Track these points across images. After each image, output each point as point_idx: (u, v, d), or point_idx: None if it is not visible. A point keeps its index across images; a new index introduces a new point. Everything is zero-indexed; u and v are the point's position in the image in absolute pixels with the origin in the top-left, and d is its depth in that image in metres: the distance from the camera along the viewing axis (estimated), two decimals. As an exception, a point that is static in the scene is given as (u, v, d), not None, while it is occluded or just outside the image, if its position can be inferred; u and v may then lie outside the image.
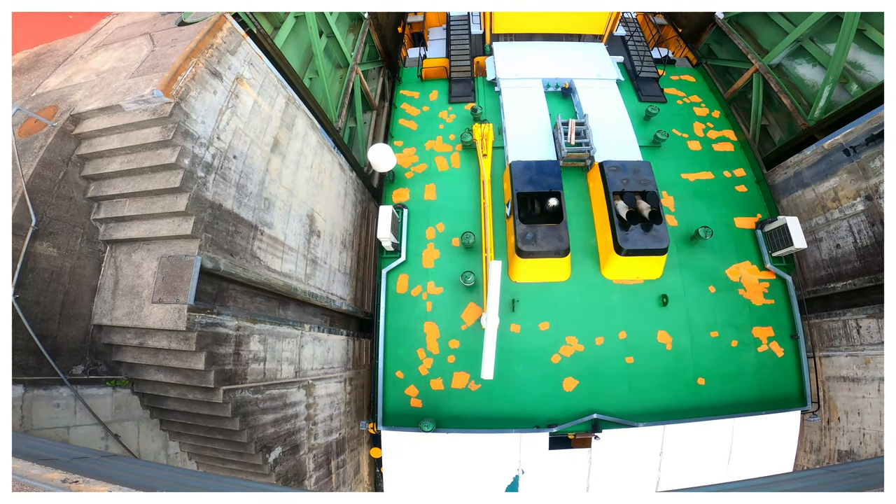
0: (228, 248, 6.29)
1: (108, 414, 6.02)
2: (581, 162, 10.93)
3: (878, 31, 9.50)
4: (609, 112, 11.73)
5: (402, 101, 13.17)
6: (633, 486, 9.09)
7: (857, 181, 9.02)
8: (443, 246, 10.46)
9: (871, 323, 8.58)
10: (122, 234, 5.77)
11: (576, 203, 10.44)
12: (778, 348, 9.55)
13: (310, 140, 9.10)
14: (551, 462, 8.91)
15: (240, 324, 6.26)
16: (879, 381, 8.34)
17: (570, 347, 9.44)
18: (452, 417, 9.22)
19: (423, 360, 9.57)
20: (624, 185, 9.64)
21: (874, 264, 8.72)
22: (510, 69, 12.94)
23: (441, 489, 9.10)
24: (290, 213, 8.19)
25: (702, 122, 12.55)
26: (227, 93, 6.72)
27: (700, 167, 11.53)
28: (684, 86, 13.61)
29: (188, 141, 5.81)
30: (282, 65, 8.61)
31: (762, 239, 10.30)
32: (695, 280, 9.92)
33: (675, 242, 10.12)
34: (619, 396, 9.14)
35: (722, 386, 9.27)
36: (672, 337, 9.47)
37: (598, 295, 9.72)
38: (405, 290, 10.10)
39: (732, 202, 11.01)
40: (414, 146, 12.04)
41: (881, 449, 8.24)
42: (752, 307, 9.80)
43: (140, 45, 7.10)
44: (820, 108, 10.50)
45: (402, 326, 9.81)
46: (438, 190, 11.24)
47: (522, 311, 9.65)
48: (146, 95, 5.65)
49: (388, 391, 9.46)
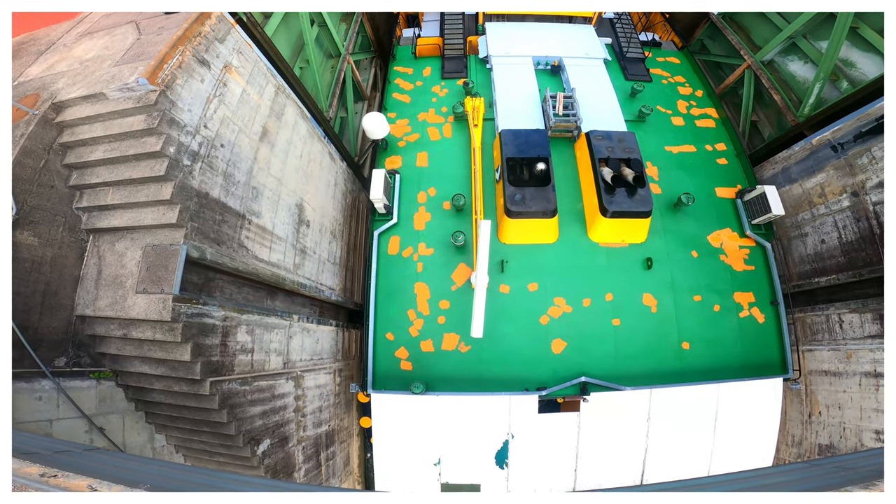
0: (215, 238, 6.22)
1: (92, 407, 5.94)
2: (568, 133, 11.28)
3: (872, 29, 9.57)
4: (596, 88, 12.11)
5: (396, 77, 13.38)
6: (622, 452, 9.15)
7: (843, 177, 9.12)
8: (434, 209, 10.67)
9: (854, 318, 8.72)
10: (105, 223, 5.67)
11: (563, 171, 10.67)
12: (759, 314, 9.82)
13: (299, 129, 8.99)
14: (541, 426, 8.99)
15: (227, 314, 6.20)
16: (861, 376, 8.49)
17: (559, 309, 9.61)
18: (442, 379, 9.28)
19: (413, 321, 9.69)
20: (609, 152, 9.98)
21: (858, 260, 8.85)
22: (502, 47, 13.24)
23: (430, 454, 9.13)
24: (279, 203, 8.10)
25: (685, 101, 12.96)
26: (215, 81, 6.60)
27: (683, 141, 11.92)
28: (669, 67, 14.03)
29: (174, 129, 5.70)
30: (272, 53, 8.48)
31: (742, 208, 10.66)
32: (678, 245, 10.22)
33: (658, 209, 10.43)
34: (607, 359, 9.31)
35: (706, 351, 9.49)
36: (657, 300, 9.70)
37: (584, 257, 9.97)
38: (396, 251, 10.27)
39: (714, 173, 11.40)
40: (407, 118, 12.28)
41: (861, 443, 8.41)
42: (734, 272, 10.08)
43: (125, 34, 6.95)
44: (810, 105, 10.59)
45: (392, 287, 9.94)
46: (430, 158, 11.47)
47: (511, 271, 9.82)
48: (131, 83, 5.56)
49: (378, 353, 9.53)
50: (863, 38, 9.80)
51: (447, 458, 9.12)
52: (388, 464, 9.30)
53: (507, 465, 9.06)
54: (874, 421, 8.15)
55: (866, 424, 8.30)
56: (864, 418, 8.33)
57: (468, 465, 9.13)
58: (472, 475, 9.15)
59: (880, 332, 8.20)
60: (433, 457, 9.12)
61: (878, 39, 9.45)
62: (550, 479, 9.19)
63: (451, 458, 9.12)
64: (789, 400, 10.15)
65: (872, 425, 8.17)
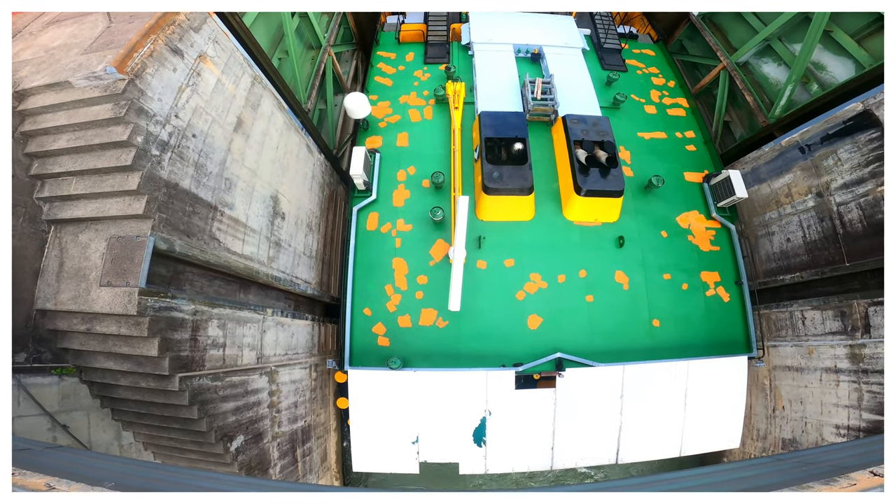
0: (185, 229, 6.08)
1: (55, 404, 5.79)
2: (546, 117, 11.81)
3: (845, 32, 9.88)
4: (573, 75, 12.68)
5: (379, 61, 13.66)
6: (597, 430, 9.34)
7: (809, 178, 9.44)
8: (413, 187, 10.90)
9: (816, 315, 9.07)
10: (67, 214, 5.48)
11: (540, 153, 11.13)
12: (724, 293, 10.33)
13: (276, 121, 8.85)
14: (517, 403, 9.12)
15: (197, 308, 6.09)
16: (822, 372, 8.84)
17: (534, 284, 9.91)
18: (420, 355, 9.40)
19: (391, 296, 9.81)
20: (584, 135, 10.49)
21: (821, 258, 9.19)
22: (484, 35, 13.68)
23: (408, 432, 9.12)
24: (253, 195, 7.96)
25: (658, 91, 13.63)
26: (189, 70, 6.43)
27: (655, 128, 12.58)
28: (644, 59, 14.67)
29: (142, 118, 5.54)
30: (249, 44, 8.33)
31: (708, 191, 11.25)
32: (648, 225, 10.74)
33: (630, 190, 10.99)
34: (581, 335, 9.63)
35: (675, 328, 9.94)
36: (628, 277, 10.12)
37: (559, 234, 10.39)
38: (375, 227, 10.45)
39: (683, 159, 12.01)
40: (388, 100, 12.52)
41: (822, 438, 8.76)
42: (700, 252, 10.64)
43: (95, 22, 6.67)
44: (781, 107, 10.91)
45: (370, 262, 10.07)
46: (410, 138, 11.74)
47: (488, 247, 10.11)
48: (98, 72, 5.36)
49: (356, 329, 9.58)
50: (835, 41, 10.11)
51: (425, 437, 9.10)
52: (365, 444, 9.19)
53: (485, 442, 9.11)
54: (834, 416, 8.49)
55: (826, 419, 8.64)
56: (825, 413, 8.68)
57: (446, 443, 9.13)
58: (451, 453, 9.15)
59: (841, 328, 8.54)
60: (411, 435, 9.11)
61: (851, 43, 9.76)
62: (528, 457, 9.27)
63: (430, 437, 9.11)
64: (755, 395, 10.51)
65: (832, 420, 8.51)
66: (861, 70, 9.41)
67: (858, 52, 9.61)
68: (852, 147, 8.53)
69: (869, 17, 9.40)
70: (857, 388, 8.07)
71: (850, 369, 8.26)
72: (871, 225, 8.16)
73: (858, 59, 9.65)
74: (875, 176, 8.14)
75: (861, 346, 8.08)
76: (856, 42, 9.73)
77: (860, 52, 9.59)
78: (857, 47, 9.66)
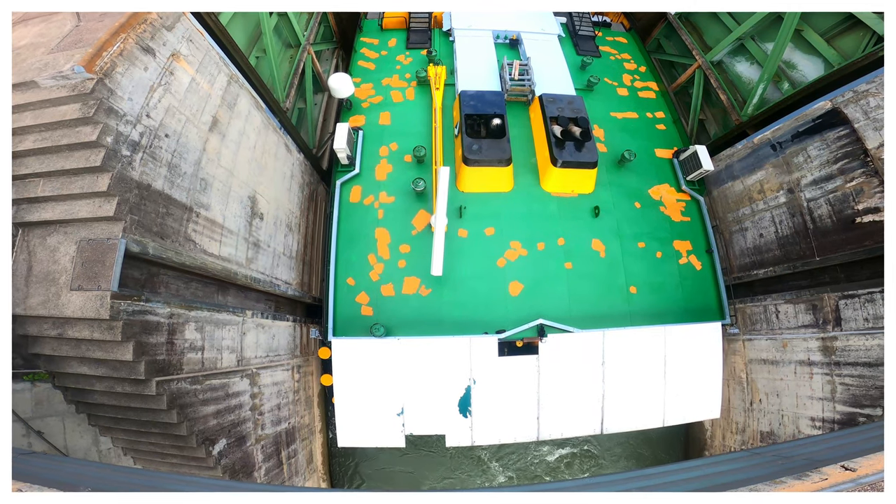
0: (158, 231, 5.97)
1: (28, 410, 5.66)
2: (523, 97, 12.42)
3: (815, 31, 10.20)
4: (549, 59, 13.43)
5: (363, 47, 14.10)
6: (581, 399, 9.48)
7: (781, 175, 9.70)
8: (395, 161, 11.26)
9: (789, 308, 9.33)
10: (35, 216, 5.33)
11: (518, 131, 11.69)
12: (696, 261, 10.88)
13: (253, 120, 8.73)
14: (501, 370, 9.23)
15: (173, 311, 5.99)
16: (796, 364, 9.08)
17: (514, 252, 10.25)
18: (403, 324, 9.50)
19: (374, 265, 9.98)
20: (559, 111, 11.11)
21: (793, 253, 9.46)
22: (464, 21, 14.41)
23: (393, 403, 9.09)
24: (230, 195, 7.84)
25: (630, 75, 14.40)
26: (161, 69, 6.32)
27: (627, 108, 13.29)
28: (617, 45, 15.50)
29: (112, 118, 5.43)
30: (225, 42, 8.22)
31: (678, 166, 11.95)
32: (622, 196, 11.30)
33: (604, 165, 11.59)
34: (561, 301, 9.91)
35: (651, 295, 10.36)
36: (605, 245, 10.57)
37: (538, 205, 10.81)
38: (358, 199, 10.72)
39: (653, 137, 12.73)
40: (371, 82, 12.96)
41: (798, 430, 8.99)
42: (672, 223, 11.21)
43: (63, 21, 6.50)
44: (753, 105, 11.19)
45: (353, 233, 10.29)
46: (393, 117, 12.15)
47: (469, 217, 10.47)
48: (65, 71, 5.24)
49: (339, 299, 9.66)
50: (806, 40, 10.41)
51: (410, 407, 9.09)
52: (350, 418, 9.09)
53: (471, 413, 9.15)
54: (809, 408, 8.72)
55: (802, 412, 8.87)
56: (800, 406, 8.91)
57: (432, 414, 9.11)
58: (437, 425, 9.14)
59: (813, 322, 8.80)
60: (396, 406, 9.09)
61: (821, 42, 10.09)
62: (514, 428, 9.32)
63: (415, 407, 9.10)
64: (732, 388, 10.76)
65: (808, 412, 8.74)
66: (830, 69, 9.71)
67: (828, 52, 9.93)
68: (821, 144, 8.80)
69: (839, 17, 9.73)
70: (831, 381, 8.30)
71: (822, 362, 8.49)
72: (840, 220, 8.43)
73: (828, 58, 9.97)
74: (843, 172, 8.41)
75: (832, 338, 8.31)
76: (825, 41, 10.05)
77: (829, 51, 9.90)
78: (826, 46, 9.97)
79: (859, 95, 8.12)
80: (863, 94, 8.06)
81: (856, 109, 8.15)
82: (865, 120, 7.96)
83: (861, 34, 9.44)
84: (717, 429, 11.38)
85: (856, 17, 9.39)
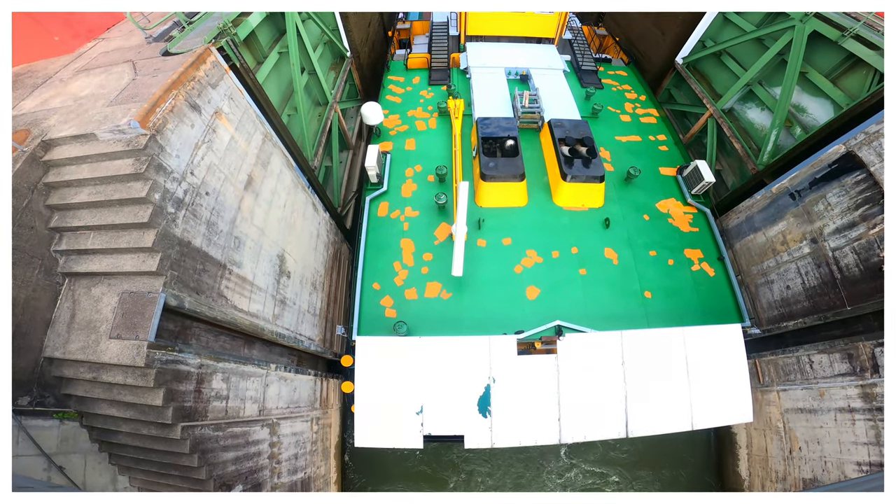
0: (195, 287, 6.19)
1: (53, 446, 5.76)
2: (534, 123, 13.89)
3: (819, 72, 10.51)
4: (556, 91, 14.92)
5: (390, 84, 16.04)
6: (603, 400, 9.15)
7: (802, 224, 9.64)
8: (419, 181, 12.51)
9: (823, 358, 9.00)
10: (82, 268, 5.63)
11: (530, 153, 12.91)
12: (709, 268, 11.17)
13: (284, 178, 9.16)
14: (521, 369, 9.13)
15: (202, 362, 6.12)
16: (836, 412, 8.67)
17: (531, 259, 10.88)
18: (425, 325, 9.80)
19: (398, 272, 10.66)
20: (567, 133, 12.34)
21: (822, 303, 9.22)
22: (479, 60, 16.31)
23: (413, 402, 8.95)
24: (261, 253, 8.12)
25: (631, 103, 15.74)
26: (205, 127, 6.72)
27: (630, 132, 14.48)
28: (618, 78, 17.13)
29: (160, 175, 5.76)
30: (261, 100, 8.74)
31: (682, 182, 12.75)
32: (631, 210, 12.03)
33: (612, 182, 12.53)
34: (577, 304, 10.25)
35: (666, 299, 10.49)
36: (617, 253, 11.08)
37: (551, 217, 11.67)
38: (385, 213, 11.76)
39: (657, 157, 13.72)
40: (398, 114, 14.60)
41: (843, 475, 8.47)
42: (681, 233, 11.72)
43: (122, 73, 7.02)
44: (768, 153, 11.33)
45: (380, 243, 11.15)
46: (417, 143, 13.59)
47: (487, 229, 11.30)
48: (122, 126, 5.57)
49: (365, 301, 10.19)
50: (812, 82, 10.68)
51: (430, 406, 8.93)
52: (369, 417, 8.91)
53: (490, 413, 8.93)
54: (854, 453, 8.25)
55: (847, 457, 8.38)
56: (844, 451, 8.43)
57: (451, 413, 8.92)
58: (456, 425, 8.89)
59: (850, 370, 8.46)
60: (415, 405, 8.94)
61: (826, 83, 10.37)
62: (535, 430, 9.00)
63: (434, 406, 8.94)
64: (769, 437, 10.23)
65: (853, 458, 8.26)
66: (839, 110, 9.86)
67: (834, 92, 10.14)
68: (840, 191, 8.79)
69: (841, 56, 10.05)
70: (874, 426, 7.92)
71: (864, 408, 8.13)
72: (868, 268, 8.26)
73: (835, 99, 10.15)
74: (866, 219, 8.34)
75: (872, 385, 8.00)
76: (830, 82, 10.31)
77: (836, 91, 10.12)
78: (832, 87, 10.21)
79: (871, 137, 8.16)
80: (874, 136, 8.11)
81: (869, 152, 8.17)
82: (880, 163, 7.96)
83: (864, 73, 9.67)
84: (755, 478, 10.74)
85: (856, 56, 9.68)
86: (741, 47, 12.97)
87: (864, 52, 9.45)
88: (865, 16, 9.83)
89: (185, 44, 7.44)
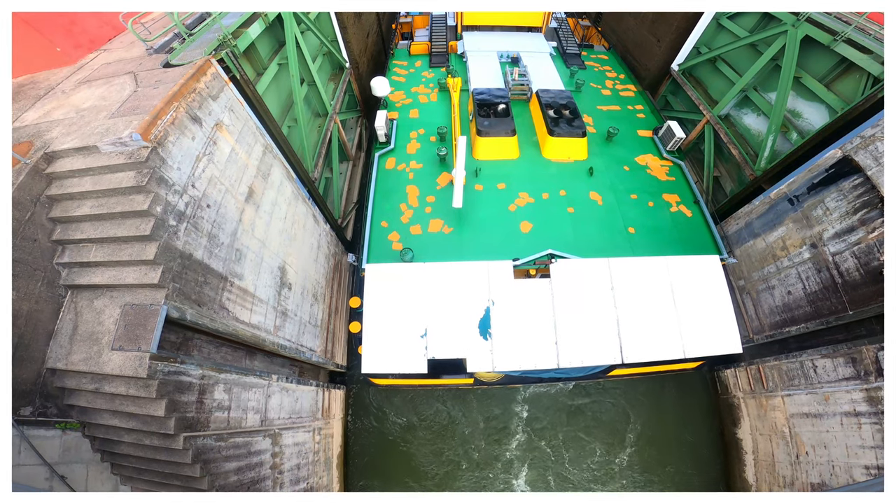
0: (196, 299, 6.19)
1: (56, 455, 5.72)
2: (523, 94, 15.66)
3: (813, 77, 10.61)
4: (543, 69, 16.81)
5: (395, 67, 18.15)
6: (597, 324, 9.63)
7: (802, 229, 9.66)
8: (422, 141, 14.11)
9: (827, 362, 8.96)
10: (85, 280, 5.65)
11: (520, 120, 14.50)
12: (686, 210, 12.14)
13: (284, 190, 9.18)
14: (517, 292, 9.79)
15: (204, 373, 6.12)
16: (841, 416, 8.63)
17: (523, 200, 12.10)
18: (429, 255, 10.69)
19: (404, 212, 11.84)
20: (552, 100, 14.11)
21: (824, 308, 9.20)
22: (474, 46, 18.55)
23: (417, 326, 9.44)
24: (262, 265, 8.13)
25: (611, 80, 17.60)
26: (206, 139, 6.71)
27: (611, 103, 16.16)
28: (599, 61, 19.21)
29: (162, 187, 5.76)
30: (262, 112, 8.77)
31: (658, 141, 14.09)
32: (612, 162, 13.43)
33: (594, 141, 14.07)
34: (567, 236, 11.24)
35: (648, 235, 11.50)
36: (601, 196, 12.27)
37: (540, 168, 13.11)
38: (392, 167, 13.15)
39: (635, 122, 15.22)
40: (402, 90, 16.46)
41: (852, 479, 8.40)
42: (659, 181, 12.91)
43: (123, 84, 7.01)
44: (765, 158, 11.37)
45: (388, 189, 12.40)
46: (420, 112, 15.37)
47: (484, 176, 12.71)
48: (124, 138, 5.56)
49: (374, 236, 11.23)
50: (806, 87, 10.75)
51: (433, 330, 9.40)
52: (376, 344, 9.28)
53: (491, 335, 9.40)
54: (861, 457, 8.19)
55: (854, 461, 8.31)
56: (852, 455, 8.36)
57: (454, 336, 9.37)
58: (458, 349, 9.30)
59: (854, 374, 8.42)
60: (420, 328, 9.41)
61: (820, 87, 10.46)
62: (534, 354, 9.37)
63: (437, 330, 9.40)
64: (775, 443, 10.16)
65: (861, 461, 8.20)
66: (834, 114, 9.91)
67: (828, 96, 10.20)
68: (838, 195, 8.82)
69: (833, 60, 10.14)
70: (881, 430, 7.87)
71: (869, 412, 8.08)
72: (868, 272, 8.27)
73: (829, 103, 10.21)
74: (864, 223, 8.36)
75: (877, 388, 7.96)
76: (824, 86, 10.38)
77: (830, 95, 10.18)
78: (826, 91, 10.27)
79: (867, 141, 8.22)
80: (870, 140, 8.16)
81: (866, 156, 8.22)
82: (877, 167, 8.00)
83: (857, 76, 9.72)
84: (762, 483, 10.65)
85: (849, 61, 9.75)
86: (735, 53, 13.09)
87: (856, 56, 9.53)
88: (856, 19, 9.91)
89: (186, 55, 7.48)
